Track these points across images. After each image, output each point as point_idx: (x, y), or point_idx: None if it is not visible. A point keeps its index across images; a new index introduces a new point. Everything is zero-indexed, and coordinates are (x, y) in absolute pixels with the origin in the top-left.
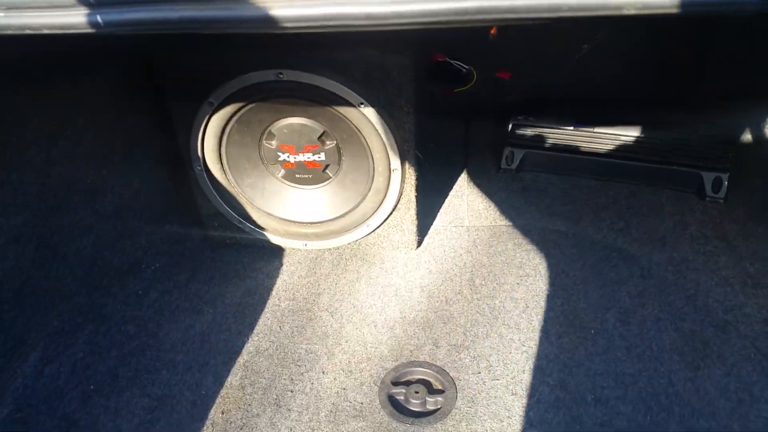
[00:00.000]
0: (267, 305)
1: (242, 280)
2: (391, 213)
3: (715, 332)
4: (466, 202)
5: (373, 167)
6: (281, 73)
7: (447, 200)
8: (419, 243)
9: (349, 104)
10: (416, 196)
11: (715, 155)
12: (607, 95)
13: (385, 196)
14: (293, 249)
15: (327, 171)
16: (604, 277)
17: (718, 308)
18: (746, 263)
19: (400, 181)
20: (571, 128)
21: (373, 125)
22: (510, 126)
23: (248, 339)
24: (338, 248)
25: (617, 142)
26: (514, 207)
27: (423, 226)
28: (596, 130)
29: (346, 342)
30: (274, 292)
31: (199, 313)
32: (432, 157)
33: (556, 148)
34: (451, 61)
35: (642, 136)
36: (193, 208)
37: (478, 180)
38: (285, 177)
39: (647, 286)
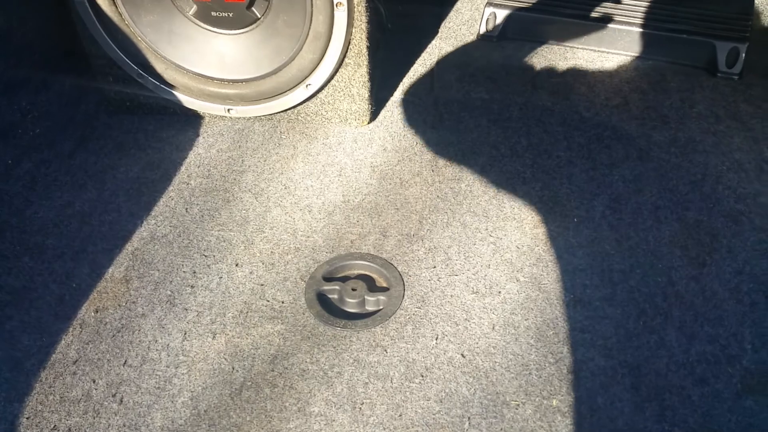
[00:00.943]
0: (172, 182)
1: (142, 151)
2: (336, 69)
3: (725, 223)
4: (435, 71)
5: (312, 1)
6: None
7: (413, 68)
8: (373, 115)
9: None
10: (368, 47)
11: (731, 22)
12: None
13: (327, 43)
14: (214, 117)
15: (253, 9)
16: (593, 159)
17: (729, 196)
18: (763, 146)
19: (346, 21)
20: None
21: None
22: None
23: (142, 222)
24: (271, 117)
25: (617, 6)
26: (491, 79)
27: (380, 97)
28: None
29: (271, 229)
30: (183, 168)
31: (81, 189)
32: (396, 16)
33: (546, 11)
34: None
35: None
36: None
37: (450, 47)
38: (197, 15)
39: (645, 169)
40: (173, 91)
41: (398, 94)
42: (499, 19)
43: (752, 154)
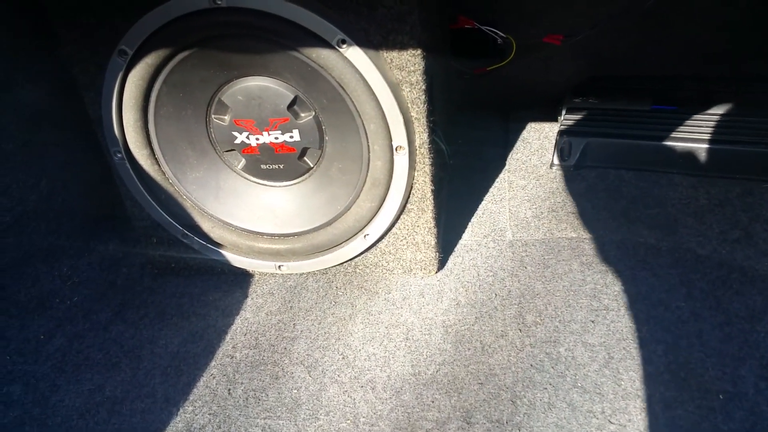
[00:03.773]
0: (215, 356)
1: (185, 320)
2: (398, 217)
3: None
4: (507, 209)
5: (368, 146)
6: None
7: (481, 206)
8: (441, 263)
9: (325, 44)
10: (433, 190)
11: None
12: (692, 68)
13: (387, 189)
14: (263, 274)
15: (305, 158)
16: (725, 311)
17: None
18: None
19: (407, 165)
20: (648, 109)
21: (362, 77)
22: (564, 110)
23: (178, 410)
24: (326, 271)
25: (714, 125)
26: (576, 213)
27: (447, 240)
28: (684, 110)
29: (327, 414)
30: (228, 337)
31: (114, 369)
32: (462, 146)
33: (628, 135)
34: (483, 28)
35: (748, 114)
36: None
37: (523, 180)
38: (246, 169)
39: None
40: (221, 250)
41: (468, 237)
42: (575, 147)
43: None
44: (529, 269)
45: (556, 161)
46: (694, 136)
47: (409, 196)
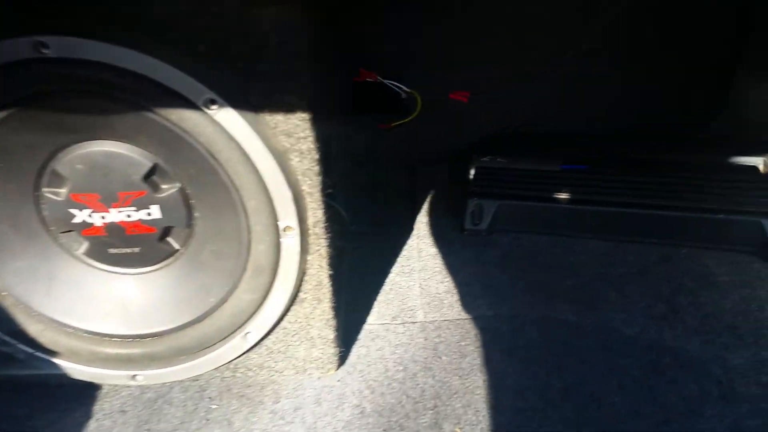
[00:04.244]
0: None
1: None
2: (287, 309)
3: None
4: (418, 282)
5: (248, 226)
6: (44, 44)
7: (389, 280)
8: (342, 358)
9: (189, 104)
10: (331, 275)
11: None
12: (603, 125)
13: (273, 277)
14: (113, 386)
15: (169, 239)
16: (662, 404)
17: None
18: None
19: (298, 249)
20: (557, 170)
21: (237, 144)
22: (473, 170)
23: None
24: (196, 379)
25: (627, 186)
26: (491, 287)
27: (350, 325)
28: (594, 170)
29: None
30: None
31: None
32: (366, 206)
33: (540, 197)
34: (386, 82)
35: (664, 175)
36: None
37: (433, 247)
38: (90, 254)
39: (739, 414)
40: (55, 359)
41: (374, 320)
42: (487, 210)
43: None
44: (444, 360)
45: (467, 226)
46: (605, 198)
47: (301, 284)
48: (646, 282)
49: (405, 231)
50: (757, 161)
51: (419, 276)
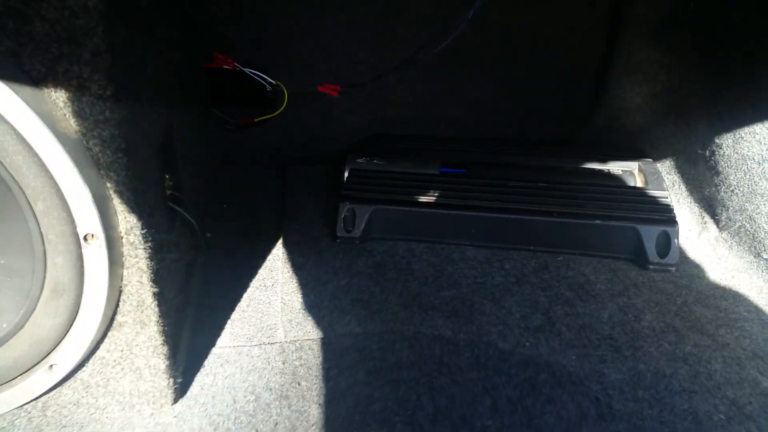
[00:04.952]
0: None
1: None
2: (102, 335)
3: None
4: (280, 297)
5: (41, 234)
6: None
7: (247, 294)
8: (182, 389)
9: None
10: (157, 293)
11: (653, 201)
12: (478, 129)
13: (78, 297)
14: None
15: None
16: (537, 426)
17: None
18: (752, 370)
19: (106, 262)
20: (436, 173)
21: (13, 128)
22: (346, 172)
23: None
24: None
25: (506, 191)
26: (362, 301)
27: (191, 355)
28: (472, 174)
29: None
30: None
31: None
32: (226, 211)
33: (417, 202)
34: (248, 71)
35: (542, 180)
36: None
37: (301, 257)
38: None
39: (618, 431)
40: None
41: (226, 342)
42: (360, 215)
43: (748, 387)
44: (303, 386)
45: (339, 232)
46: (484, 203)
47: (117, 305)
48: (523, 292)
49: (271, 239)
50: (632, 166)
51: (282, 290)
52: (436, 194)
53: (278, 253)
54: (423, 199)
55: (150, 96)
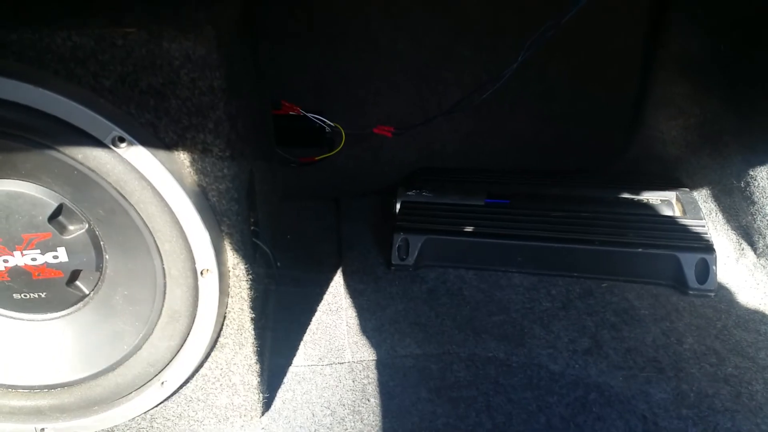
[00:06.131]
0: None
1: None
2: (207, 355)
3: None
4: (345, 321)
5: (164, 269)
6: None
7: (315, 318)
8: (267, 404)
9: (95, 142)
10: (254, 319)
11: (691, 229)
12: (522, 161)
13: (191, 323)
14: None
15: (77, 283)
16: None
17: None
18: None
19: (217, 292)
20: (482, 204)
21: (149, 184)
22: (398, 204)
23: None
24: (111, 430)
25: (549, 220)
26: (419, 324)
27: (275, 367)
28: (516, 205)
29: None
30: None
31: None
32: (291, 242)
33: (465, 232)
34: (309, 116)
35: (584, 210)
36: None
37: (361, 283)
38: None
39: None
40: None
41: (300, 361)
42: (413, 245)
43: None
44: (372, 402)
45: (394, 261)
46: (529, 232)
47: (222, 329)
48: (570, 317)
49: (332, 267)
50: (670, 196)
51: (346, 314)
52: (483, 224)
53: (339, 279)
54: (471, 228)
55: (241, 149)
